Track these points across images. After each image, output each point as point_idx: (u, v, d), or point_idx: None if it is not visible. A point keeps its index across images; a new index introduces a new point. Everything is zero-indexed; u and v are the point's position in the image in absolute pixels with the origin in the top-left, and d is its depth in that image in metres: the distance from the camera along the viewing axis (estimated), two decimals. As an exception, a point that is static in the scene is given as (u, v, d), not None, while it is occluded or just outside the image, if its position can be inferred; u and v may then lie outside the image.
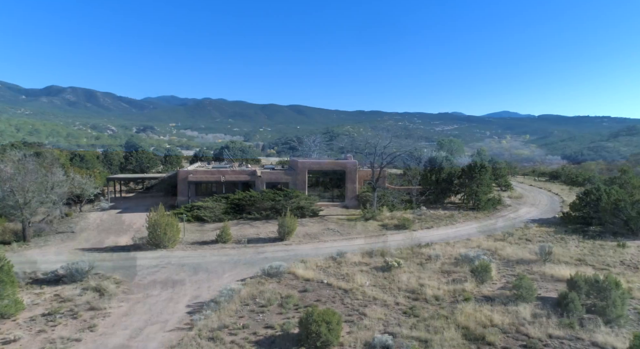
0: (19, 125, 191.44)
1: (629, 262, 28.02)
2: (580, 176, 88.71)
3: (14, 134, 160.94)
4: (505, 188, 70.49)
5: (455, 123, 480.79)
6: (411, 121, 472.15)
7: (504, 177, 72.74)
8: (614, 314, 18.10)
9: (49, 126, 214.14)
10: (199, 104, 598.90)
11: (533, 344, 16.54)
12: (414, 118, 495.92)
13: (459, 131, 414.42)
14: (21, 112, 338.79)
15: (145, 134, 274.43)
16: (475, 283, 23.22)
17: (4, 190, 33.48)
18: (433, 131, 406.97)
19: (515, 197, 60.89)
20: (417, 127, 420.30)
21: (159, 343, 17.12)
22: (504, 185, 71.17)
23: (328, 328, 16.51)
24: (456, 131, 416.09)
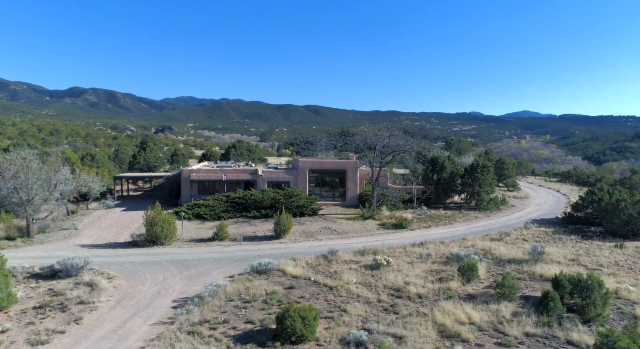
0: (41, 125, 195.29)
1: (623, 263, 27.69)
2: (592, 177, 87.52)
3: (36, 134, 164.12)
4: (512, 188, 69.89)
5: (473, 123, 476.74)
6: (428, 121, 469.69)
7: (511, 177, 72.12)
8: (593, 313, 18.01)
9: (69, 126, 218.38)
10: (216, 105, 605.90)
11: (508, 341, 16.58)
12: (431, 118, 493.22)
13: (477, 131, 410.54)
14: (45, 113, 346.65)
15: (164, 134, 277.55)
16: (462, 282, 23.23)
17: (7, 188, 34.38)
18: (450, 131, 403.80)
19: (521, 198, 60.34)
20: (434, 127, 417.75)
21: (139, 335, 17.56)
22: (511, 185, 70.59)
23: (304, 324, 16.75)
24: (474, 131, 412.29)
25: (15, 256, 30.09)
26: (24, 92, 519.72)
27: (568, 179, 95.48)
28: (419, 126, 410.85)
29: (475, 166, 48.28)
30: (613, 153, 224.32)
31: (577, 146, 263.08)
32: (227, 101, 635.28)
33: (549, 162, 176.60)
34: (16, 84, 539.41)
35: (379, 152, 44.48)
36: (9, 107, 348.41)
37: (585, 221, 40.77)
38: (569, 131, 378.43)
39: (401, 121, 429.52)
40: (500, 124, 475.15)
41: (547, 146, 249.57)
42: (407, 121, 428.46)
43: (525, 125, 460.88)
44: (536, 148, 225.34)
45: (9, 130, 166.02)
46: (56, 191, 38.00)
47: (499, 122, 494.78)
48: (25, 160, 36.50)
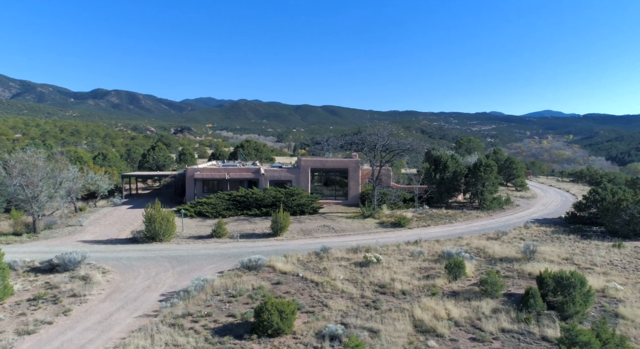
0: (63, 126, 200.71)
1: (618, 262, 27.40)
2: (605, 177, 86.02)
3: (57, 134, 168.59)
4: (521, 188, 69.20)
5: (493, 123, 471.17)
6: (447, 121, 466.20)
7: (520, 177, 71.42)
8: (572, 310, 17.96)
9: (91, 126, 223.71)
10: (234, 106, 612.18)
11: (482, 337, 16.67)
12: (449, 118, 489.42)
13: (496, 131, 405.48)
14: (69, 114, 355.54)
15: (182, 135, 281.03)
16: (448, 279, 23.30)
17: (13, 185, 35.45)
18: (469, 131, 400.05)
19: (528, 197, 59.76)
20: (453, 127, 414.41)
21: (123, 327, 18.08)
22: (519, 185, 69.90)
23: (281, 317, 17.08)
24: (494, 131, 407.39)
25: (19, 250, 31.09)
26: (49, 94, 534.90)
27: (581, 179, 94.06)
28: (437, 126, 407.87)
29: (478, 165, 48.02)
30: (639, 153, 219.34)
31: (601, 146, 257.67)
32: (245, 101, 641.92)
33: (571, 162, 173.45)
34: (43, 86, 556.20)
35: (379, 151, 44.56)
36: (36, 109, 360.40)
37: (589, 221, 40.29)
38: (593, 130, 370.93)
39: (419, 121, 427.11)
40: (521, 124, 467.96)
41: (570, 146, 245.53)
42: (424, 121, 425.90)
43: (548, 125, 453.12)
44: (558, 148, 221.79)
45: (33, 130, 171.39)
46: (62, 189, 39.01)
47: (520, 122, 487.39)
48: (32, 158, 37.56)
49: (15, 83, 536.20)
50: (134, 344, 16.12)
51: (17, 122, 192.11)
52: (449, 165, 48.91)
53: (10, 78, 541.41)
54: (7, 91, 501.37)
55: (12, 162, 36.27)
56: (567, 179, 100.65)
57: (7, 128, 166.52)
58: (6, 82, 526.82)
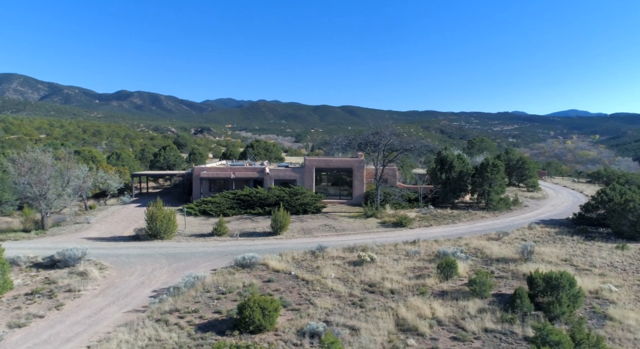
0: (85, 127, 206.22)
1: (618, 264, 26.87)
2: (623, 178, 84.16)
3: (80, 135, 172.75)
4: (532, 189, 68.22)
5: (515, 123, 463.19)
6: (467, 121, 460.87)
7: (532, 177, 70.34)
8: (558, 311, 17.73)
9: (112, 127, 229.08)
10: (254, 106, 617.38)
11: (463, 336, 16.58)
12: (470, 118, 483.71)
13: (519, 131, 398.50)
14: (94, 116, 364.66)
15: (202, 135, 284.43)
16: (439, 279, 23.18)
17: (21, 183, 36.39)
18: (490, 131, 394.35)
19: (538, 198, 58.88)
20: (474, 127, 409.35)
21: (110, 321, 18.47)
22: (531, 186, 68.91)
23: (263, 314, 17.24)
24: (516, 131, 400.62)
25: (25, 246, 31.93)
26: (75, 95, 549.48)
27: (598, 180, 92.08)
28: (457, 126, 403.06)
29: (485, 165, 47.52)
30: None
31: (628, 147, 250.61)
32: (264, 102, 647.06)
33: (595, 163, 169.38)
34: (69, 88, 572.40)
35: (382, 150, 44.45)
36: (62, 110, 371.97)
37: (596, 222, 39.54)
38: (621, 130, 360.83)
39: (438, 121, 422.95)
40: (545, 124, 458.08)
41: (596, 146, 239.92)
42: (444, 121, 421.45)
43: (573, 124, 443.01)
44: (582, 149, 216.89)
45: (57, 131, 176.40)
46: (69, 187, 39.87)
47: (544, 122, 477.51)
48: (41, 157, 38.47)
49: (43, 85, 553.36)
50: (117, 339, 16.46)
51: (42, 123, 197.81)
52: (455, 165, 48.52)
53: (38, 80, 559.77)
54: (35, 93, 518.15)
55: (20, 160, 37.25)
56: (584, 179, 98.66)
57: (33, 129, 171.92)
58: (35, 84, 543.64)
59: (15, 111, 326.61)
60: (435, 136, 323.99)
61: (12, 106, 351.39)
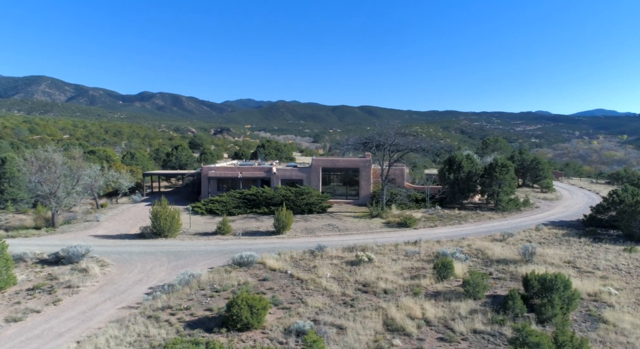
0: (107, 127, 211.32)
1: (624, 266, 26.25)
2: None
3: (102, 135, 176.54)
4: (546, 190, 67.08)
5: (539, 123, 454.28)
6: (489, 120, 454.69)
7: (547, 178, 69.11)
8: (550, 313, 17.42)
9: (133, 127, 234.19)
10: (273, 107, 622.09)
11: (450, 337, 16.42)
12: (492, 118, 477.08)
13: (542, 131, 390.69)
14: (117, 116, 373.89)
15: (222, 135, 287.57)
16: (435, 279, 22.98)
17: (32, 181, 37.27)
18: (513, 131, 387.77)
19: (551, 199, 57.87)
20: (495, 127, 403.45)
21: (104, 317, 18.81)
22: (545, 187, 67.76)
23: (251, 312, 17.34)
24: (539, 131, 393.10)
25: (34, 243, 32.69)
26: (100, 97, 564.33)
27: (617, 181, 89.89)
28: (477, 126, 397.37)
29: (493, 166, 46.90)
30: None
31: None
32: (283, 102, 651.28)
33: (622, 164, 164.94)
34: (94, 89, 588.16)
35: (387, 150, 44.24)
36: (87, 111, 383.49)
37: (607, 224, 38.68)
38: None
39: (459, 121, 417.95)
40: (570, 124, 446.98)
41: (623, 147, 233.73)
42: (464, 121, 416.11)
43: (599, 124, 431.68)
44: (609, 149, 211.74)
45: (79, 131, 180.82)
46: (78, 186, 40.67)
47: (569, 122, 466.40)
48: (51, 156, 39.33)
49: (70, 87, 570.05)
50: (107, 334, 16.75)
51: (66, 124, 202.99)
52: (464, 165, 48.00)
53: (65, 82, 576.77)
54: (62, 95, 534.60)
55: (32, 159, 38.16)
56: (603, 181, 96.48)
57: (57, 129, 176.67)
58: (62, 86, 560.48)
59: (43, 112, 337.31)
60: (455, 136, 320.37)
61: (40, 107, 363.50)
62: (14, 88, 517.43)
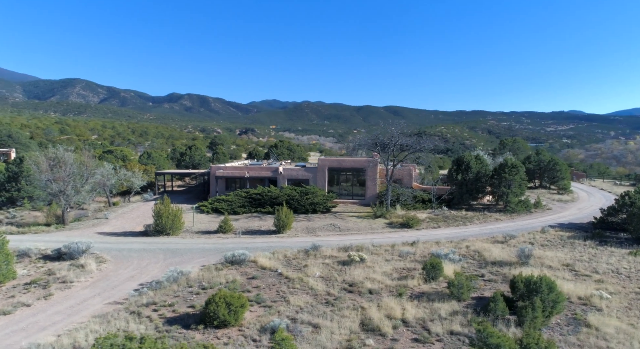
0: (134, 128, 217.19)
1: (625, 270, 25.45)
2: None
3: (128, 135, 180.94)
4: (563, 191, 65.51)
5: (571, 123, 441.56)
6: (518, 120, 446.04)
7: (564, 179, 67.46)
8: (530, 316, 17.07)
9: (160, 128, 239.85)
10: (297, 107, 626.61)
11: (424, 338, 16.27)
12: (521, 118, 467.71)
13: (574, 131, 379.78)
14: (147, 117, 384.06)
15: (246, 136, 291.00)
16: (424, 280, 22.75)
17: (41, 179, 38.39)
18: (543, 131, 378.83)
19: (566, 201, 56.47)
20: (525, 127, 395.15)
21: (89, 312, 19.26)
22: (562, 188, 66.17)
23: (228, 310, 17.50)
24: (571, 131, 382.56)
25: (41, 239, 33.64)
26: (131, 98, 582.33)
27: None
28: (506, 126, 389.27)
29: (503, 166, 46.05)
30: None
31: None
32: (308, 103, 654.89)
33: None
34: (125, 91, 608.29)
35: (392, 150, 43.93)
36: (118, 112, 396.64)
37: (618, 227, 37.59)
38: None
39: (486, 121, 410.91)
40: (605, 124, 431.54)
41: None
42: (492, 121, 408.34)
43: (637, 124, 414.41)
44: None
45: (107, 132, 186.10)
46: (87, 184, 41.67)
47: (603, 121, 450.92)
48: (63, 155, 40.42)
49: (103, 89, 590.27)
50: (88, 329, 17.16)
51: (96, 125, 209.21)
52: (472, 166, 47.29)
53: (98, 85, 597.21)
54: (95, 96, 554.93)
55: (42, 158, 39.30)
56: (627, 182, 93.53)
57: (87, 130, 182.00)
58: (95, 88, 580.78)
59: (77, 114, 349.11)
60: (482, 136, 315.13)
61: (74, 109, 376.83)
62: (50, 90, 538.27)
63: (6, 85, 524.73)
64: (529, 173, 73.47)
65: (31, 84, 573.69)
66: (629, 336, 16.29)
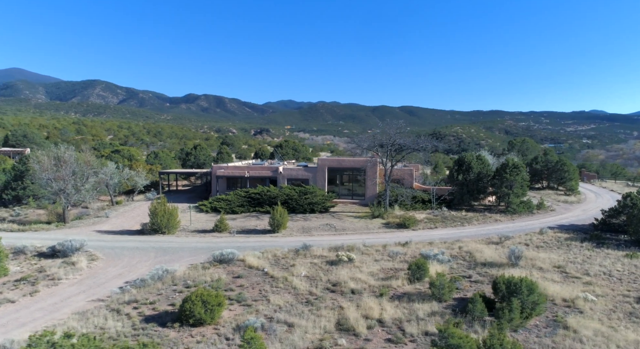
0: (149, 128, 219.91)
1: (617, 273, 24.94)
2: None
3: (143, 136, 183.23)
4: (570, 192, 64.52)
5: (592, 123, 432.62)
6: (537, 120, 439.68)
7: (572, 180, 66.43)
8: (507, 317, 16.84)
9: (175, 128, 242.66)
10: (312, 107, 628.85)
11: (398, 338, 16.14)
12: (540, 118, 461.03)
13: (595, 131, 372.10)
14: (164, 118, 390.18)
15: (261, 136, 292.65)
16: (408, 281, 22.58)
17: (41, 178, 38.99)
18: (563, 131, 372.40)
19: (572, 202, 55.63)
20: (544, 128, 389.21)
21: (71, 309, 19.48)
22: (569, 189, 65.18)
23: (205, 308, 17.57)
24: (592, 131, 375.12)
25: (40, 237, 34.17)
26: (149, 99, 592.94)
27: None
28: (524, 126, 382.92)
29: (504, 167, 45.49)
30: None
31: None
32: (323, 103, 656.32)
33: None
34: (144, 92, 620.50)
35: (389, 150, 43.68)
36: (137, 113, 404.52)
37: (620, 229, 36.93)
38: None
39: (503, 121, 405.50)
40: (628, 124, 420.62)
41: None
42: (509, 121, 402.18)
43: None
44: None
45: (122, 132, 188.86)
46: (87, 183, 42.20)
47: (626, 121, 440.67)
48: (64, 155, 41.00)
49: (122, 90, 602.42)
50: (66, 325, 17.36)
51: (112, 125, 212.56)
52: (473, 166, 46.81)
53: (118, 86, 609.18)
54: (115, 97, 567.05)
55: (44, 157, 39.91)
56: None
57: (103, 130, 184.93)
58: (115, 89, 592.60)
59: (97, 114, 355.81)
60: (498, 136, 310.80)
61: (94, 110, 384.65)
62: (72, 92, 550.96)
63: (30, 87, 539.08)
64: (536, 174, 72.54)
65: (53, 86, 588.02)
66: (606, 339, 15.97)
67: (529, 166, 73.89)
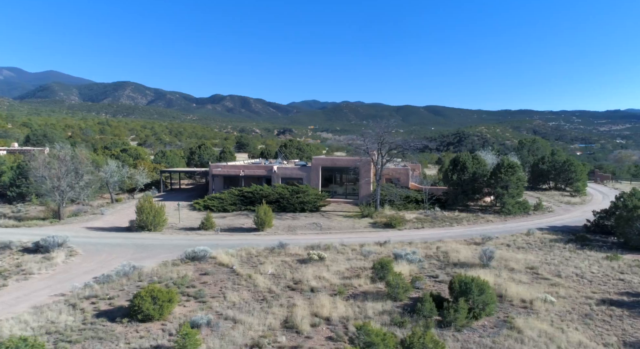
0: (171, 128, 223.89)
1: (591, 275, 24.35)
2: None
3: (164, 135, 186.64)
4: (576, 193, 63.10)
5: (627, 122, 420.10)
6: (568, 120, 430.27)
7: (580, 181, 64.93)
8: (452, 317, 16.67)
9: (197, 128, 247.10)
10: (336, 107, 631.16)
11: (339, 336, 16.18)
12: (571, 117, 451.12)
13: (630, 131, 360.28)
14: (190, 118, 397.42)
15: (284, 136, 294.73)
16: (370, 280, 22.48)
17: (36, 176, 40.02)
18: (596, 131, 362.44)
19: (574, 203, 54.50)
20: (575, 127, 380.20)
21: (31, 303, 19.89)
22: (575, 190, 63.76)
23: (154, 304, 17.81)
24: (627, 131, 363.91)
25: (30, 233, 34.98)
26: (176, 100, 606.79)
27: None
28: (553, 126, 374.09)
29: (499, 167, 44.77)
30: None
31: None
32: (347, 103, 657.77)
33: None
34: (171, 93, 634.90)
35: (378, 149, 43.44)
36: (164, 114, 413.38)
37: (610, 231, 36.03)
38: None
39: (532, 120, 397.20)
40: None
41: None
42: (538, 121, 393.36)
43: None
44: None
45: (144, 132, 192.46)
46: (82, 181, 43.10)
47: None
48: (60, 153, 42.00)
49: (150, 91, 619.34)
50: (19, 319, 17.79)
51: (136, 125, 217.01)
52: (468, 166, 46.19)
53: (147, 87, 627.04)
54: (144, 98, 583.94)
55: (40, 157, 40.96)
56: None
57: (126, 130, 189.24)
58: (143, 90, 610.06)
59: (126, 115, 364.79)
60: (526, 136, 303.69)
61: (123, 110, 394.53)
62: (103, 93, 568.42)
63: (64, 88, 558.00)
64: (542, 174, 71.07)
65: (86, 87, 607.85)
66: (550, 340, 15.66)
67: (535, 166, 72.47)
